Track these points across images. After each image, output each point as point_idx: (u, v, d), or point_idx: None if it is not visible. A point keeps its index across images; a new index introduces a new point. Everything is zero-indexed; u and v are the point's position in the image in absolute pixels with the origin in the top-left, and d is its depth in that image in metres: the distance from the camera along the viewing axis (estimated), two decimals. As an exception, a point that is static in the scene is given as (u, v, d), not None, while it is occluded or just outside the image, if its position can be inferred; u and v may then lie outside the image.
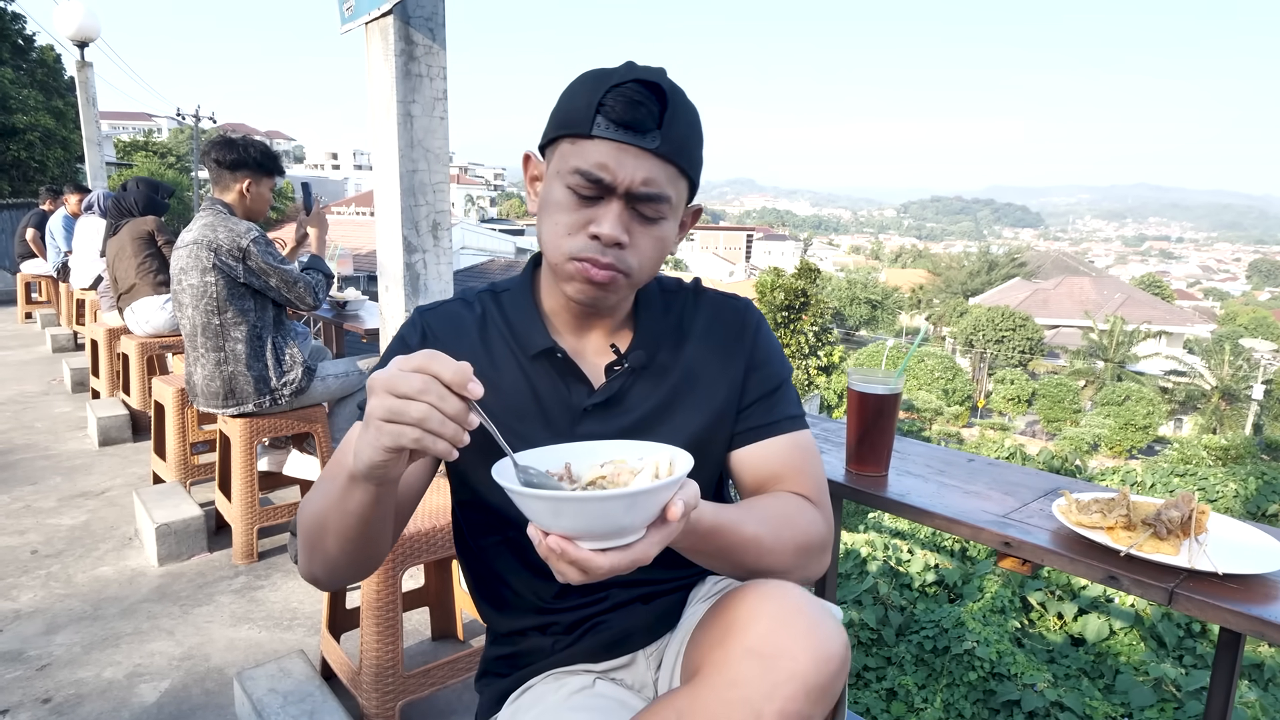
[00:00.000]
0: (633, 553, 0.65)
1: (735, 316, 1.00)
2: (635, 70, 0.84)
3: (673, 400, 0.94)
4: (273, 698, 1.69)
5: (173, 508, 2.69)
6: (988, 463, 1.32)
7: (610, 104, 0.81)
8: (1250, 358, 30.08)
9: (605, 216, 0.83)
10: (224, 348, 2.47)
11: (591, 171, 0.81)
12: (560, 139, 0.85)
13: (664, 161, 0.83)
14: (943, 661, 7.90)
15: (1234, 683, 0.92)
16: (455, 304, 0.98)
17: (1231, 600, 0.85)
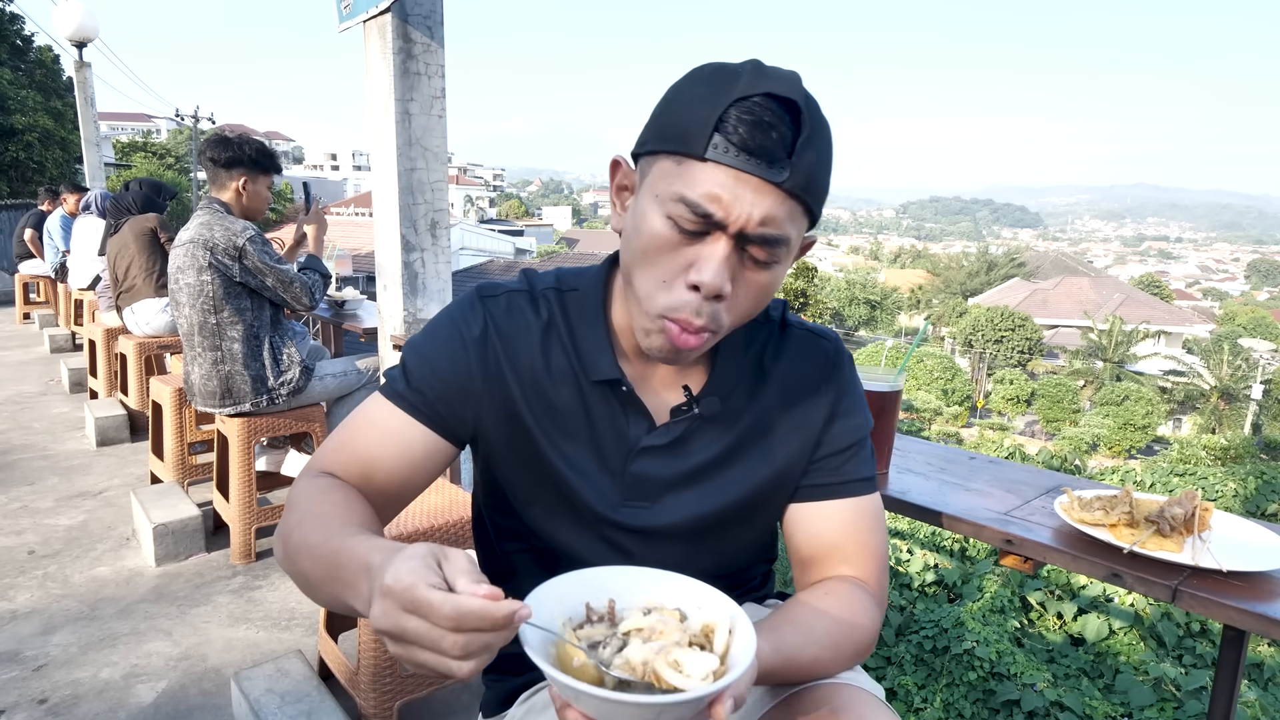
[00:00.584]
0: None
1: (822, 359, 0.89)
2: (765, 77, 0.68)
3: (738, 449, 0.86)
4: (270, 698, 1.68)
5: (170, 508, 2.69)
6: (989, 460, 1.31)
7: (733, 122, 0.66)
8: (1249, 357, 30.10)
9: (709, 260, 0.69)
10: (220, 347, 2.46)
11: (700, 204, 0.68)
12: (663, 153, 0.71)
13: (789, 197, 0.69)
14: (942, 661, 7.90)
15: (1238, 681, 0.92)
16: (521, 298, 0.86)
17: (1236, 598, 0.85)
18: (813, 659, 0.76)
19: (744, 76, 0.68)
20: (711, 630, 0.65)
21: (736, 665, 0.59)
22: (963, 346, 34.98)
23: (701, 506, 0.85)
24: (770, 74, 0.69)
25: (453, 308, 0.88)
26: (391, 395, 0.85)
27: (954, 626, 8.25)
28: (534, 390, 0.84)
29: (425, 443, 0.84)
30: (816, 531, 0.87)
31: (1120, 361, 30.67)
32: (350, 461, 0.84)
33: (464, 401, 0.84)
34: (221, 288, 2.43)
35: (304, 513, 0.77)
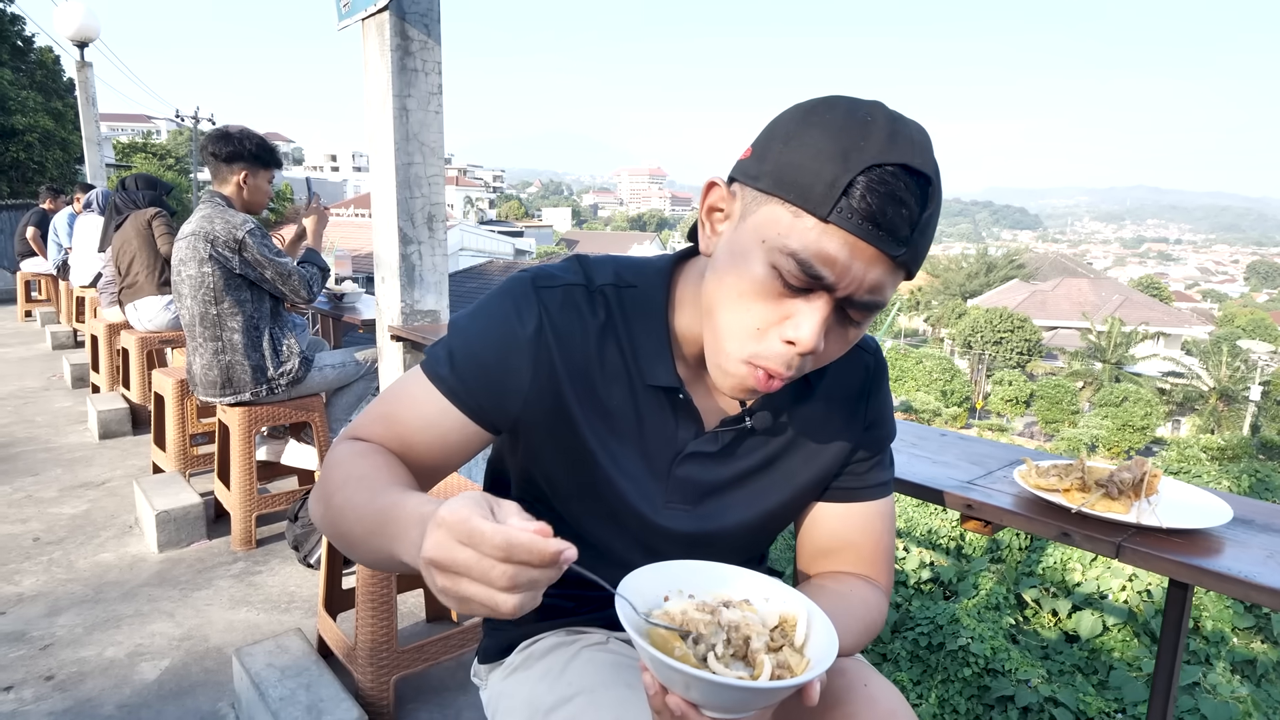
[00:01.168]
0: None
1: (863, 372, 0.91)
2: (899, 141, 0.65)
3: (780, 457, 0.88)
4: (270, 672, 1.74)
5: (172, 496, 2.74)
6: (959, 437, 1.37)
7: (862, 190, 0.64)
8: (1248, 359, 30.18)
9: (808, 319, 0.68)
10: (221, 337, 2.52)
11: (813, 265, 0.66)
12: (777, 198, 0.67)
13: (899, 268, 0.68)
14: (938, 658, 7.96)
15: (1182, 634, 0.97)
16: (578, 293, 0.83)
17: (1176, 553, 0.90)
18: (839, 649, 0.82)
19: (876, 136, 0.65)
20: (790, 623, 0.69)
21: (825, 656, 0.64)
22: (962, 348, 35.05)
23: (744, 513, 0.89)
24: (904, 137, 0.66)
25: (504, 299, 0.84)
26: (434, 377, 0.84)
27: (949, 623, 8.30)
28: (585, 388, 0.83)
29: (462, 429, 0.84)
30: (835, 529, 0.92)
31: (1119, 363, 30.73)
32: (388, 436, 0.84)
33: (508, 396, 0.83)
34: (222, 279, 2.49)
35: (347, 473, 0.78)
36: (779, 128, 0.70)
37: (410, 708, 1.83)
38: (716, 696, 0.60)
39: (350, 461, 0.80)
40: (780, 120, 0.71)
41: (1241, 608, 7.98)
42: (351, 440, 0.85)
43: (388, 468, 0.79)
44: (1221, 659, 7.60)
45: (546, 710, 0.89)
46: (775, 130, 0.70)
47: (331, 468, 0.82)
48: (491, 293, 0.86)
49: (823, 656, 0.64)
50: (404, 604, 2.26)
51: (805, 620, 0.69)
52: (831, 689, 0.77)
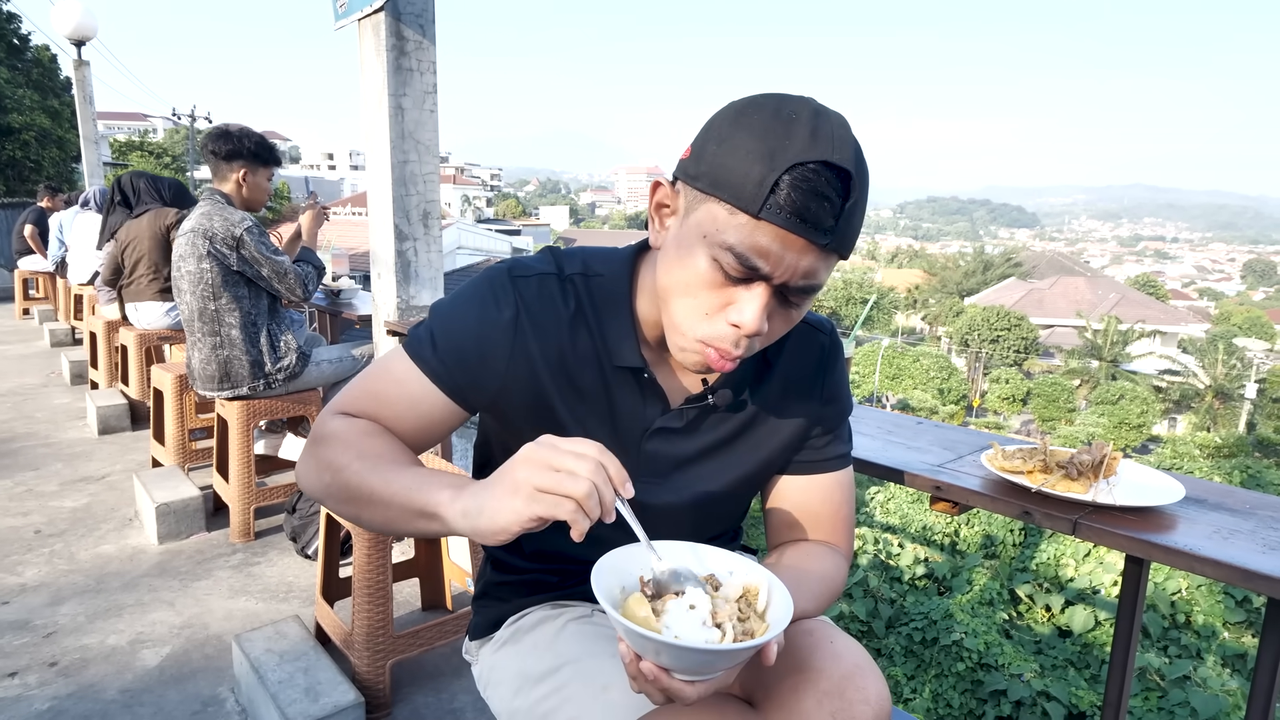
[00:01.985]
0: (718, 681, 0.71)
1: (819, 351, 0.97)
2: (820, 139, 0.71)
3: (743, 432, 0.94)
4: (269, 657, 1.78)
5: (172, 489, 2.78)
6: (935, 426, 1.42)
7: (787, 188, 0.70)
8: (1244, 357, 30.28)
9: (749, 304, 0.75)
10: (219, 332, 2.57)
11: (748, 257, 0.73)
12: (714, 197, 0.74)
13: (829, 254, 0.75)
14: (932, 653, 8.02)
15: (1138, 608, 1.02)
16: (551, 282, 0.90)
17: (1130, 529, 0.95)
18: (802, 610, 0.88)
19: (799, 134, 0.71)
20: (753, 591, 0.76)
21: (781, 619, 0.71)
22: (959, 346, 35.13)
23: (709, 484, 0.95)
24: (824, 134, 0.71)
25: (483, 287, 0.90)
26: (416, 358, 0.89)
27: (943, 618, 8.37)
28: (560, 370, 0.89)
29: (443, 408, 0.90)
30: (798, 501, 0.99)
31: (1115, 361, 30.82)
32: (374, 413, 0.90)
33: (486, 377, 0.89)
34: (219, 276, 2.53)
35: (363, 448, 0.84)
36: (713, 130, 0.76)
37: (406, 691, 1.88)
38: (684, 660, 0.67)
39: (356, 438, 0.86)
40: (714, 121, 0.77)
41: (1232, 602, 8.05)
42: (347, 416, 0.90)
43: (394, 449, 0.86)
44: (1212, 653, 7.67)
45: (536, 680, 0.94)
46: (710, 132, 0.76)
47: (331, 442, 0.86)
48: (471, 280, 0.92)
49: (778, 620, 0.71)
50: (399, 592, 2.30)
51: (766, 589, 0.75)
52: (800, 647, 0.82)
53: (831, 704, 0.77)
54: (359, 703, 1.67)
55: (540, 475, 0.68)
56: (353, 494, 0.82)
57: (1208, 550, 0.88)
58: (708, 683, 0.70)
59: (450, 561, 2.22)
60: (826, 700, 0.78)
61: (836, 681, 0.79)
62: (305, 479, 0.89)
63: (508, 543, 0.71)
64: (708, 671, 0.69)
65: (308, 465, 0.88)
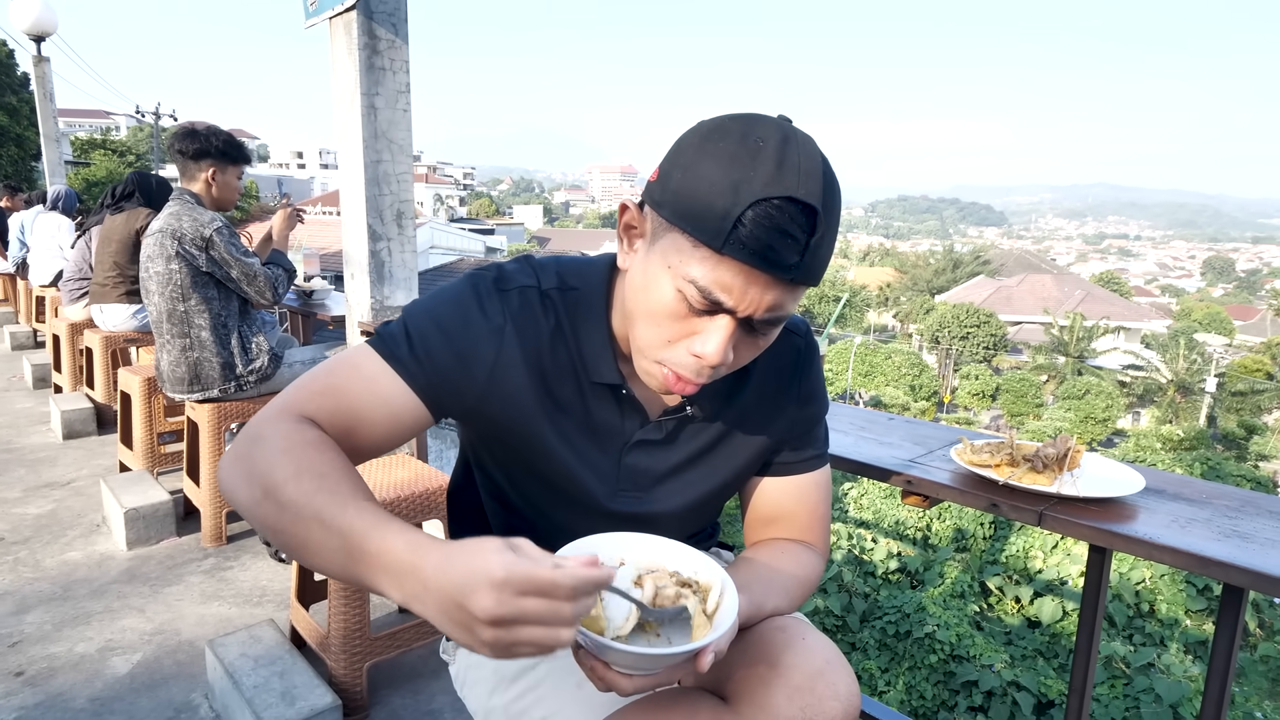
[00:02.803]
0: (657, 679, 0.73)
1: (794, 354, 0.97)
2: (786, 172, 0.69)
3: (721, 440, 0.95)
4: (244, 661, 1.77)
5: (141, 493, 2.74)
6: (906, 422, 1.45)
7: (750, 225, 0.68)
8: (1204, 352, 31.09)
9: (713, 337, 0.74)
10: (189, 334, 2.53)
11: (711, 291, 0.72)
12: (678, 228, 0.73)
13: (796, 287, 0.73)
14: (905, 645, 8.14)
15: (1102, 596, 1.05)
16: (533, 295, 0.88)
17: (1093, 520, 0.98)
18: (774, 608, 0.90)
19: (764, 166, 0.69)
20: (705, 594, 0.77)
21: (721, 625, 0.72)
22: (930, 343, 35.62)
23: (690, 494, 0.96)
24: (790, 166, 0.69)
25: (469, 291, 0.87)
26: (388, 356, 0.84)
27: (916, 611, 8.48)
28: (540, 382, 0.88)
29: (413, 411, 0.86)
30: (774, 500, 1.00)
31: (1081, 356, 31.47)
32: (335, 411, 0.82)
33: (465, 385, 0.86)
34: (189, 276, 2.50)
35: (302, 464, 0.73)
36: (679, 155, 0.74)
37: (383, 694, 1.88)
38: (611, 657, 0.69)
39: (301, 450, 0.75)
40: (681, 145, 0.75)
41: (1194, 590, 8.26)
42: (294, 420, 0.79)
43: (347, 471, 0.75)
44: (1175, 640, 7.88)
45: (512, 678, 0.95)
46: (676, 157, 0.74)
47: (274, 447, 0.75)
48: (453, 283, 0.89)
49: (719, 626, 0.72)
50: (376, 595, 2.29)
51: (718, 592, 0.77)
52: (772, 643, 0.84)
53: (802, 699, 0.79)
54: (336, 705, 1.67)
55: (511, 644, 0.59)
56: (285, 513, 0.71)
57: (1166, 539, 0.92)
58: (645, 679, 0.72)
59: (427, 563, 2.22)
60: (797, 695, 0.79)
61: (807, 677, 0.80)
62: (230, 484, 0.76)
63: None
64: (639, 670, 0.71)
65: (235, 471, 0.76)
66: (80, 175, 22.11)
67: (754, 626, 0.89)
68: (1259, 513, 1.01)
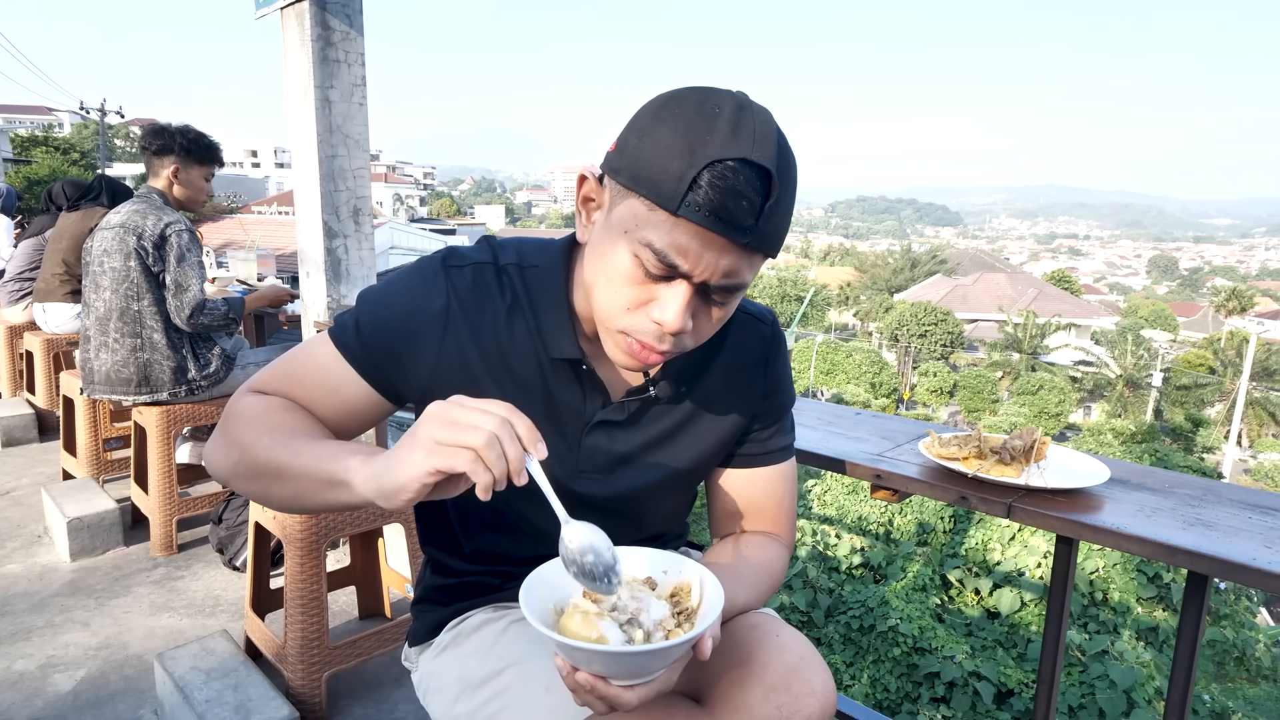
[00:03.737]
0: (658, 684, 0.70)
1: (760, 342, 0.96)
2: (741, 135, 0.69)
3: (684, 425, 0.93)
4: (195, 675, 1.70)
5: (85, 502, 2.63)
6: (873, 416, 1.45)
7: (706, 187, 0.68)
8: (1150, 348, 32.13)
9: (671, 302, 0.74)
10: (140, 335, 2.44)
11: (667, 255, 0.71)
12: (634, 193, 0.72)
13: (752, 253, 0.73)
14: (869, 639, 8.25)
15: (1069, 586, 1.06)
16: (487, 271, 0.88)
17: (1060, 510, 0.99)
18: (744, 602, 0.89)
19: (720, 130, 0.69)
20: (685, 589, 0.76)
21: (711, 612, 0.70)
22: (889, 341, 36.19)
23: (651, 477, 0.93)
24: (745, 130, 0.69)
25: (415, 276, 0.88)
26: (339, 345, 0.87)
27: (879, 605, 8.59)
28: (497, 359, 0.87)
29: (365, 398, 0.87)
30: (740, 493, 0.99)
31: (1035, 353, 32.26)
32: (293, 396, 0.87)
33: (414, 368, 0.86)
34: (143, 275, 2.41)
35: (275, 422, 0.82)
36: (637, 122, 0.74)
37: (344, 704, 1.82)
38: (616, 665, 0.66)
39: (275, 414, 0.83)
40: (639, 114, 0.75)
41: (1144, 579, 8.52)
42: (261, 395, 0.87)
43: (308, 423, 0.84)
44: (1127, 627, 8.11)
45: (478, 684, 0.92)
46: (634, 125, 0.74)
47: (246, 418, 0.83)
48: (404, 268, 0.90)
49: (708, 612, 0.70)
50: (335, 601, 2.23)
51: (698, 585, 0.75)
52: (745, 642, 0.82)
53: (778, 698, 0.78)
54: (293, 718, 1.61)
55: (440, 429, 0.65)
56: (261, 469, 0.79)
57: (1133, 528, 0.92)
58: (647, 686, 0.69)
59: (388, 568, 2.16)
60: (773, 694, 0.78)
61: (782, 675, 0.79)
62: (213, 458, 0.86)
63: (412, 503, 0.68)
64: (643, 674, 0.68)
65: (217, 444, 0.86)
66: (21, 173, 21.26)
67: (727, 625, 0.88)
68: (1220, 501, 1.02)
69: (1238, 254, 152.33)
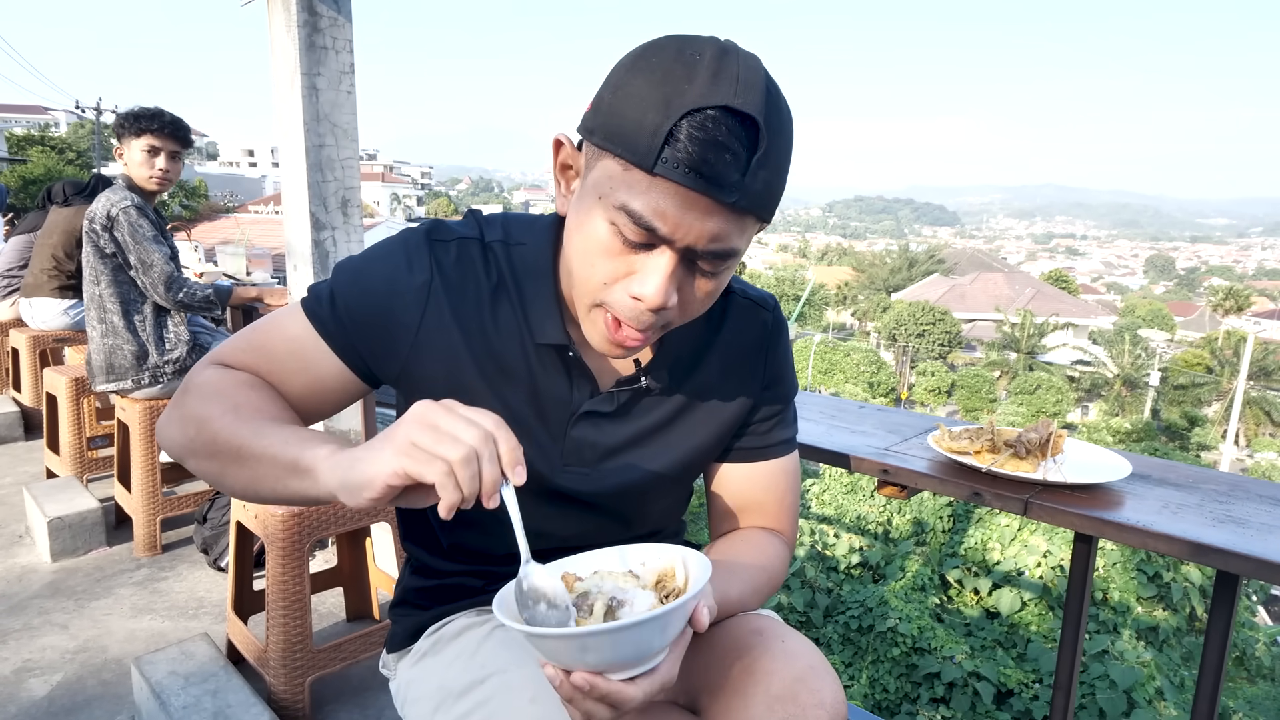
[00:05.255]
0: (661, 674, 0.63)
1: (760, 329, 0.89)
2: (722, 82, 0.61)
3: (678, 417, 0.87)
4: (173, 680, 1.63)
5: (67, 501, 2.56)
6: (878, 409, 1.39)
7: (684, 139, 0.61)
8: (1148, 347, 32.14)
9: (652, 274, 0.66)
10: (105, 320, 2.41)
11: (645, 218, 0.64)
12: (609, 152, 0.65)
13: (741, 214, 0.65)
14: (868, 639, 8.19)
15: (1088, 586, 1.00)
16: (473, 247, 0.81)
17: (1079, 507, 0.93)
18: (739, 596, 0.83)
19: (700, 78, 0.62)
20: (669, 574, 0.70)
21: (699, 580, 0.65)
22: (887, 340, 36.16)
23: (640, 472, 0.87)
24: (728, 76, 0.62)
25: (397, 248, 0.81)
26: (312, 316, 0.80)
27: (878, 605, 8.54)
28: (480, 341, 0.81)
29: (337, 374, 0.81)
30: (739, 489, 0.93)
31: (1032, 352, 32.25)
32: (258, 369, 0.81)
33: (390, 346, 0.80)
34: (98, 259, 2.39)
35: (234, 401, 0.75)
36: (612, 76, 0.67)
37: (329, 709, 1.76)
38: (611, 649, 0.59)
39: (238, 390, 0.77)
40: (615, 67, 0.68)
41: (1144, 578, 8.47)
42: (224, 367, 0.81)
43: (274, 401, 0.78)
44: (1127, 627, 8.06)
45: (459, 694, 0.86)
46: (609, 79, 0.67)
47: (206, 391, 0.77)
48: (386, 240, 0.83)
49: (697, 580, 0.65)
50: (322, 603, 2.17)
51: (681, 565, 0.70)
52: (749, 648, 0.76)
53: (784, 709, 0.72)
54: (275, 725, 1.55)
55: (420, 432, 0.60)
56: (219, 448, 0.73)
57: (1159, 525, 0.86)
58: (650, 677, 0.63)
59: (376, 569, 2.10)
60: (778, 705, 0.72)
61: (788, 684, 0.73)
62: (167, 431, 0.79)
63: (377, 504, 0.62)
64: (642, 658, 0.61)
65: (172, 417, 0.78)
66: (16, 172, 21.17)
67: (726, 629, 0.82)
68: (1249, 497, 0.97)
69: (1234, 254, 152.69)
